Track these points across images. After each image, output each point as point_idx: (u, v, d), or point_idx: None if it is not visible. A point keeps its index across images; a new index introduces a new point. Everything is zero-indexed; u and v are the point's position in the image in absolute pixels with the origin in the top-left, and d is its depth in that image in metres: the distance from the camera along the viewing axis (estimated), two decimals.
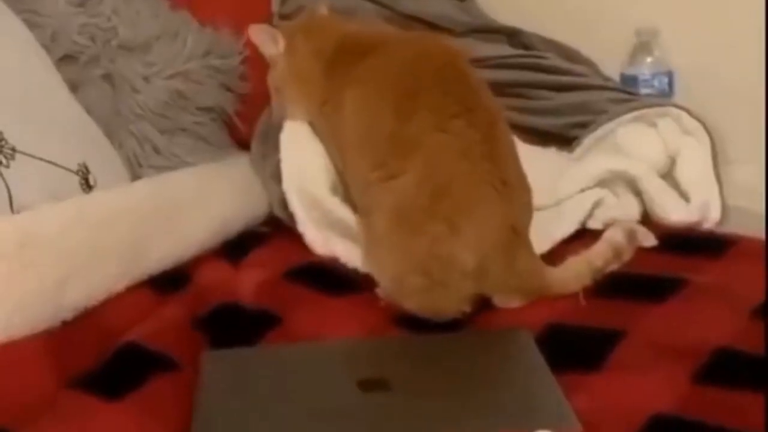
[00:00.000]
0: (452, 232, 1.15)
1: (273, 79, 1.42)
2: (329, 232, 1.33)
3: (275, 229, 1.40)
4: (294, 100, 1.40)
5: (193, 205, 1.35)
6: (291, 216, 1.35)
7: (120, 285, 1.21)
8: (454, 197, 1.17)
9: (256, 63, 1.49)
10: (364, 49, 1.31)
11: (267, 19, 1.76)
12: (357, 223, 1.29)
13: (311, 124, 1.39)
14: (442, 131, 1.19)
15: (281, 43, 1.39)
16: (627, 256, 1.25)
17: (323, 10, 1.44)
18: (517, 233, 1.19)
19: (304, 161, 1.37)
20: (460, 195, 1.17)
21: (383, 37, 1.37)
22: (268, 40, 1.40)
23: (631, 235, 1.27)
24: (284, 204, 1.37)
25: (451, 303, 1.16)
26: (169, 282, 1.25)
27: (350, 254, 1.29)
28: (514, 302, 1.18)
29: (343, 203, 1.33)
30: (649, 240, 1.31)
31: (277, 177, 1.38)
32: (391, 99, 1.24)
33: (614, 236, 1.26)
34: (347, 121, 1.28)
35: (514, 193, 1.20)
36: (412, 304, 1.17)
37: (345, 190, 1.34)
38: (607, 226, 1.32)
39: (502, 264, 1.17)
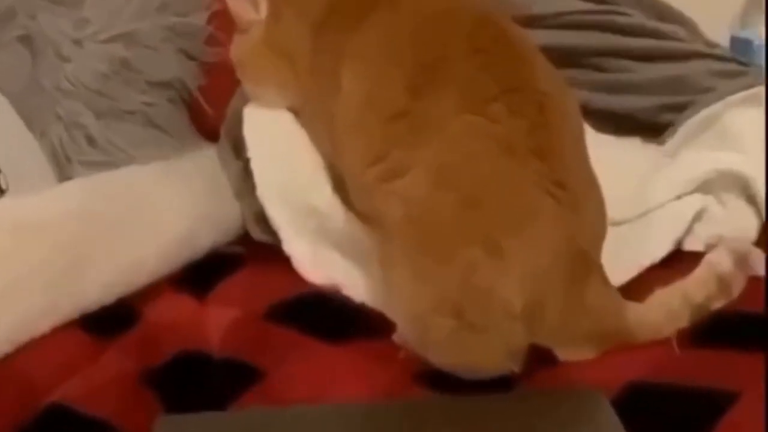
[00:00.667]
0: (492, 258, 1.15)
1: (240, 51, 1.44)
2: (327, 251, 1.34)
3: (253, 249, 1.42)
4: (269, 78, 1.42)
5: (142, 216, 1.37)
6: (272, 233, 1.36)
7: (44, 324, 1.22)
8: (492, 208, 1.17)
9: (230, 22, 1.50)
10: (367, 5, 1.33)
11: None
12: (365, 238, 1.30)
13: (293, 110, 1.41)
14: (473, 114, 1.20)
15: (263, 6, 1.41)
16: (737, 288, 1.25)
17: None
18: (585, 258, 1.19)
19: (287, 155, 1.39)
20: (500, 204, 1.17)
21: None
22: (245, 0, 1.41)
23: (741, 260, 1.27)
24: (261, 218, 1.38)
25: (493, 356, 1.16)
26: (110, 321, 1.27)
27: (357, 283, 1.31)
28: (583, 354, 1.19)
29: (348, 209, 1.34)
30: (764, 267, 1.31)
31: (249, 183, 1.39)
32: (403, 67, 1.24)
33: (719, 261, 1.26)
34: (344, 99, 1.29)
35: (579, 201, 1.20)
36: (440, 355, 1.17)
37: (345, 194, 1.35)
38: (711, 246, 1.32)
39: (564, 301, 1.17)
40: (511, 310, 1.14)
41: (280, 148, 1.40)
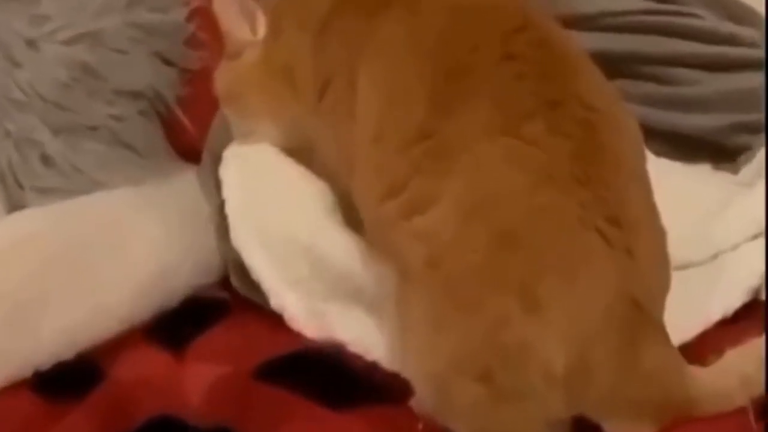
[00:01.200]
0: (529, 310, 1.15)
1: (230, 78, 1.45)
2: (325, 302, 1.34)
3: (240, 294, 1.42)
4: (263, 105, 1.42)
5: (108, 254, 1.38)
6: (255, 287, 1.36)
7: None
8: (530, 250, 1.17)
9: (214, 21, 1.50)
10: (380, 2, 1.33)
11: None
12: (378, 279, 1.31)
13: (287, 143, 1.42)
14: (507, 136, 1.20)
15: (260, 24, 1.41)
16: None
17: None
18: (642, 311, 1.19)
19: (266, 189, 1.40)
20: (540, 246, 1.17)
21: None
22: (239, 15, 1.42)
23: None
24: (242, 268, 1.38)
25: (529, 429, 1.16)
26: (68, 380, 1.27)
27: (363, 338, 1.31)
28: (637, 428, 1.18)
29: (347, 240, 1.35)
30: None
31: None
32: (425, 80, 1.25)
33: None
34: (358, 119, 1.30)
35: (635, 240, 1.20)
36: (466, 425, 1.18)
37: (357, 227, 1.36)
38: None
39: (616, 364, 1.17)
40: (551, 373, 1.15)
41: (261, 188, 1.41)
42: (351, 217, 1.36)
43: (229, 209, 1.38)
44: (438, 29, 1.29)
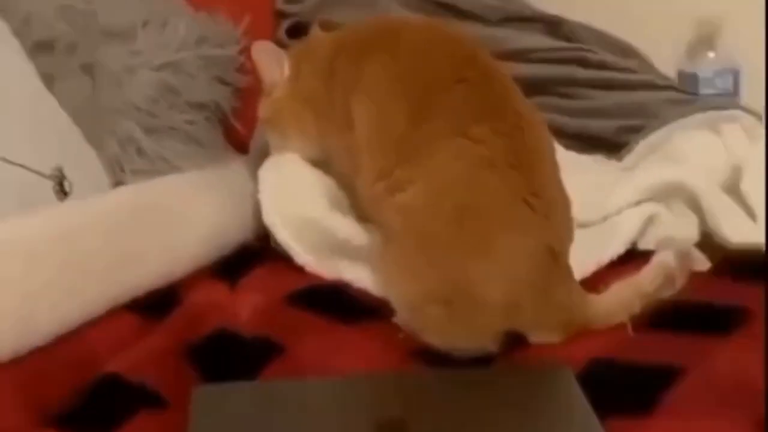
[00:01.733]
0: (477, 257, 1.16)
1: (265, 109, 1.43)
2: (335, 259, 1.34)
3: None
4: (293, 127, 1.40)
5: (183, 216, 1.37)
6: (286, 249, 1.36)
7: (99, 308, 1.22)
8: (477, 215, 1.17)
9: None
10: (365, 46, 1.33)
11: (270, 2, 1.79)
12: (369, 242, 1.30)
13: (311, 154, 1.40)
14: (461, 136, 1.20)
15: (286, 67, 1.40)
16: (680, 281, 1.25)
17: (316, 29, 1.46)
18: (556, 257, 1.19)
19: (288, 182, 1.39)
20: (484, 212, 1.17)
21: (387, 27, 1.38)
22: (272, 62, 1.40)
23: (683, 258, 1.28)
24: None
25: (476, 339, 1.16)
26: (156, 305, 1.27)
27: (362, 278, 1.30)
28: (551, 338, 1.19)
29: (346, 219, 1.34)
30: (702, 264, 1.32)
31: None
32: (403, 102, 1.25)
33: (665, 258, 1.27)
34: (357, 131, 1.29)
35: (550, 207, 1.20)
36: (432, 337, 1.18)
37: (358, 207, 1.35)
38: (660, 246, 1.33)
39: (538, 295, 1.17)
40: (492, 301, 1.15)
41: (280, 179, 1.39)
42: (353, 204, 1.36)
43: (262, 200, 1.37)
44: (408, 64, 1.28)
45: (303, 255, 1.34)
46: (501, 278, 1.15)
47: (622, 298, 1.22)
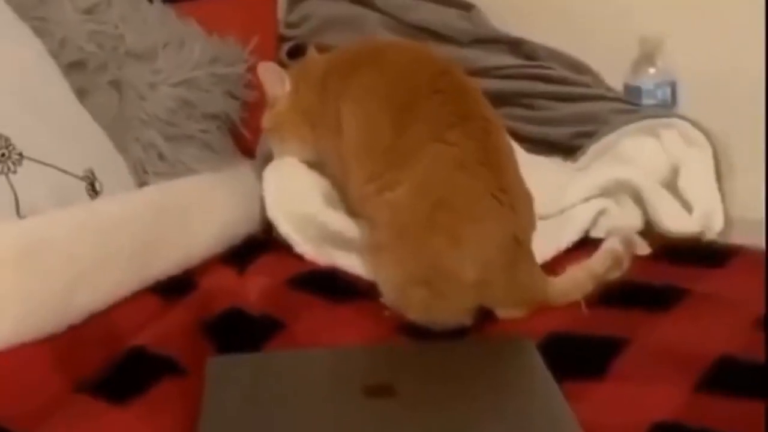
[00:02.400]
0: (452, 245, 1.16)
1: (269, 120, 1.42)
2: (329, 248, 1.33)
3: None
4: (293, 135, 1.40)
5: (198, 212, 1.37)
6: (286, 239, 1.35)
7: (127, 290, 1.22)
8: (452, 208, 1.18)
9: None
10: (353, 63, 1.33)
11: (273, 27, 1.79)
12: (359, 234, 1.30)
13: (309, 158, 1.39)
14: (438, 141, 1.20)
15: (287, 84, 1.39)
16: (626, 264, 1.26)
17: (312, 51, 1.45)
18: (520, 243, 1.20)
19: (288, 182, 1.38)
20: (459, 206, 1.18)
21: (373, 47, 1.39)
22: (275, 80, 1.40)
23: (627, 244, 1.28)
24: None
25: (452, 315, 1.17)
26: (176, 287, 1.26)
27: (352, 264, 1.30)
28: (516, 313, 1.19)
29: (339, 214, 1.34)
30: (643, 249, 1.33)
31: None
32: (387, 111, 1.25)
33: (612, 244, 1.27)
34: (345, 136, 1.29)
35: (515, 201, 1.20)
36: (414, 314, 1.18)
37: (348, 204, 1.35)
38: (609, 234, 1.34)
39: (504, 276, 1.17)
40: (466, 283, 1.16)
41: (280, 179, 1.39)
42: (344, 201, 1.35)
43: (266, 198, 1.37)
44: (391, 77, 1.28)
45: (302, 245, 1.34)
46: (473, 261, 1.16)
47: (577, 279, 1.22)
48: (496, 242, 1.17)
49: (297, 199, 1.36)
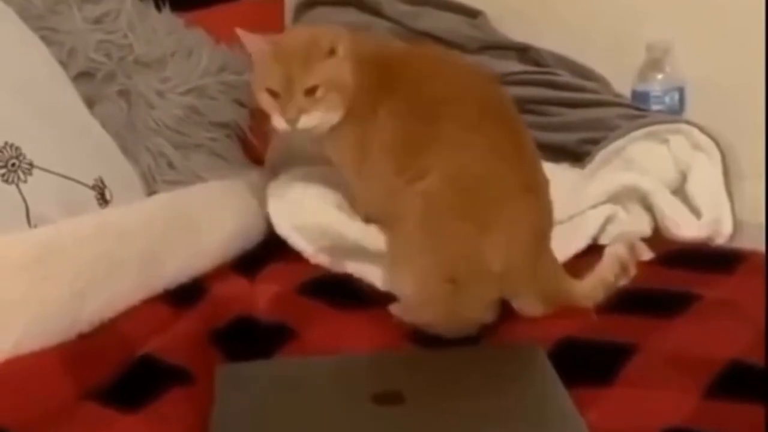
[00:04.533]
0: (481, 233, 1.16)
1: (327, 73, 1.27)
2: (342, 258, 1.33)
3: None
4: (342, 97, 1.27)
5: (208, 220, 1.37)
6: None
7: (137, 298, 1.22)
8: (483, 196, 1.18)
9: None
10: (393, 63, 1.30)
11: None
12: (377, 240, 1.28)
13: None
14: (469, 131, 1.21)
15: (341, 47, 1.27)
16: (632, 270, 1.26)
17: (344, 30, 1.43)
18: (544, 236, 1.21)
19: (297, 194, 1.37)
20: (489, 194, 1.18)
21: (406, 51, 1.38)
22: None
23: (632, 249, 1.29)
24: None
25: (475, 309, 1.17)
26: (186, 295, 1.26)
27: (364, 271, 1.30)
28: (535, 308, 1.20)
29: (352, 220, 1.33)
30: (646, 254, 1.33)
31: None
32: (421, 107, 1.24)
33: (618, 250, 1.27)
34: (378, 134, 1.26)
35: (542, 194, 1.22)
36: (434, 313, 1.17)
37: (358, 207, 1.34)
38: (614, 240, 1.34)
39: (528, 267, 1.18)
40: (493, 272, 1.16)
41: (286, 191, 1.39)
42: (353, 207, 1.34)
43: (271, 210, 1.37)
44: (428, 79, 1.26)
45: (315, 255, 1.33)
46: (500, 250, 1.16)
47: (591, 286, 1.23)
48: (523, 232, 1.18)
49: (305, 209, 1.36)
